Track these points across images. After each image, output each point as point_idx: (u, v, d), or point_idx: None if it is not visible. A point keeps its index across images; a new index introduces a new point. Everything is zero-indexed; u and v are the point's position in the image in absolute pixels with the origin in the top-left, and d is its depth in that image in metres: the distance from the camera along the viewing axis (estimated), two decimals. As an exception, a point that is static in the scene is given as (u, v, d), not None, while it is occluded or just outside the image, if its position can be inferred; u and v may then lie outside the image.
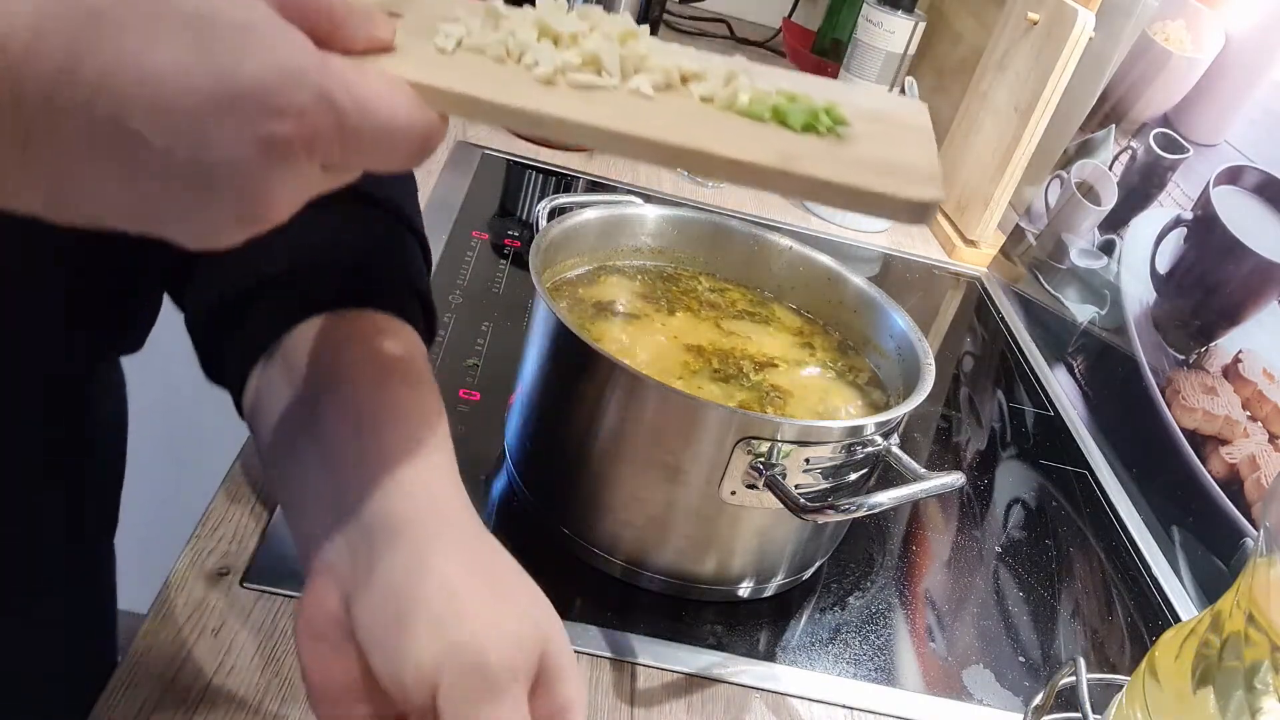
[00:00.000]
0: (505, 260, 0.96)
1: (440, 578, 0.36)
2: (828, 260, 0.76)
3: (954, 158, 1.28)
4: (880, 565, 0.71)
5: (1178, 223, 0.94)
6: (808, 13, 1.79)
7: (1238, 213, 0.87)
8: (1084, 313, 1.03)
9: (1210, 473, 0.79)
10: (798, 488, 0.57)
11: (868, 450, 0.60)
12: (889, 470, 0.62)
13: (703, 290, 0.76)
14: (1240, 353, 0.81)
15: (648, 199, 0.78)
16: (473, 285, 0.89)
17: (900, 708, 0.61)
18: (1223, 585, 0.58)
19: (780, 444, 0.56)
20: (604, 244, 0.74)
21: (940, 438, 0.90)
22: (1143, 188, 1.00)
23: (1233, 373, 0.81)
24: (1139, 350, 0.93)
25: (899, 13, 1.24)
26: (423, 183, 1.00)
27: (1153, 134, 1.01)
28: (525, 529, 0.66)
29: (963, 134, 1.28)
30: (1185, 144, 0.96)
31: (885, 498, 0.56)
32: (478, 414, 0.73)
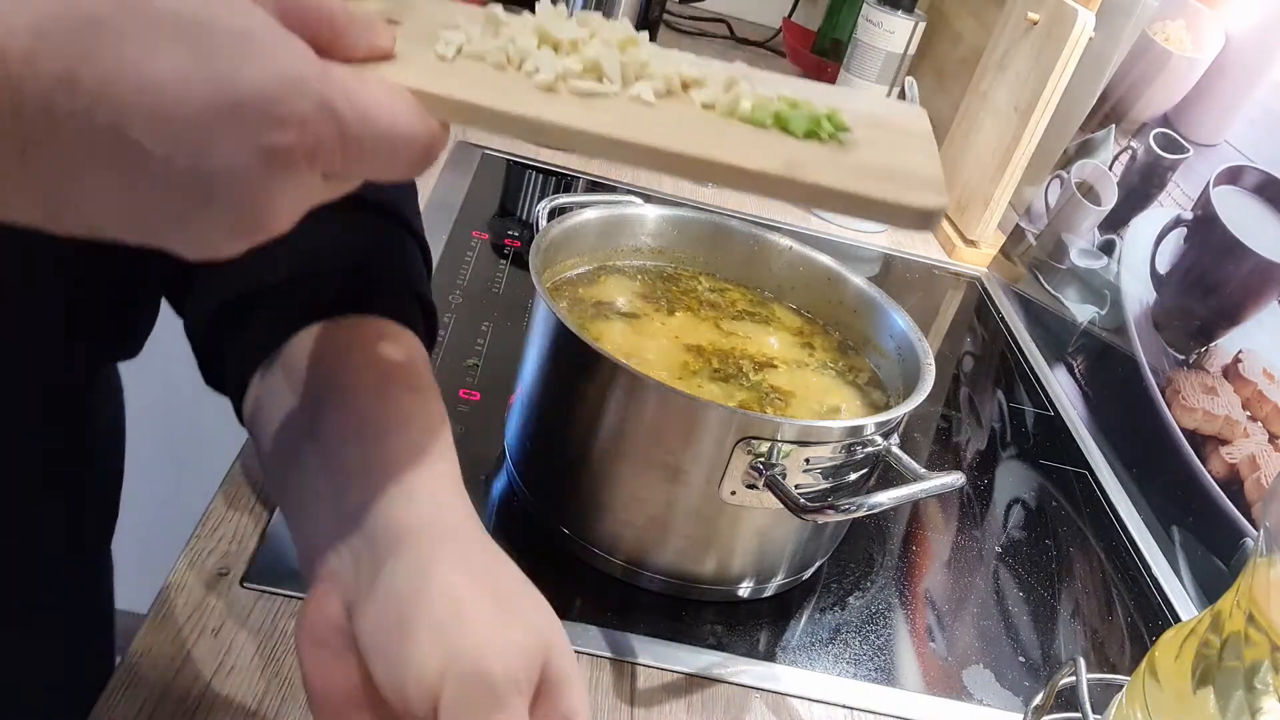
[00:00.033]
0: (505, 260, 0.96)
1: (443, 586, 0.36)
2: (828, 260, 0.76)
3: (954, 158, 1.28)
4: (880, 565, 0.71)
5: (1178, 223, 0.94)
6: (808, 13, 1.79)
7: (1238, 213, 0.87)
8: (1084, 313, 1.03)
9: (1210, 473, 0.79)
10: (798, 488, 0.57)
11: (868, 450, 0.60)
12: (889, 470, 0.62)
13: (703, 290, 0.76)
14: (1240, 353, 0.81)
15: (648, 199, 0.78)
16: (473, 285, 0.89)
17: (900, 708, 0.60)
18: (1223, 585, 0.58)
19: (780, 444, 0.56)
20: (604, 244, 0.74)
21: (940, 438, 0.90)
22: (1143, 188, 1.00)
23: (1233, 373, 0.81)
24: (1139, 350, 0.93)
25: (899, 13, 1.24)
26: (423, 183, 1.00)
27: (1153, 134, 1.01)
28: (525, 529, 0.66)
29: (963, 134, 1.28)
30: (1185, 144, 0.96)
31: (885, 498, 0.56)
32: (478, 414, 0.73)
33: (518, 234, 1.01)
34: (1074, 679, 0.55)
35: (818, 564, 0.68)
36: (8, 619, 0.56)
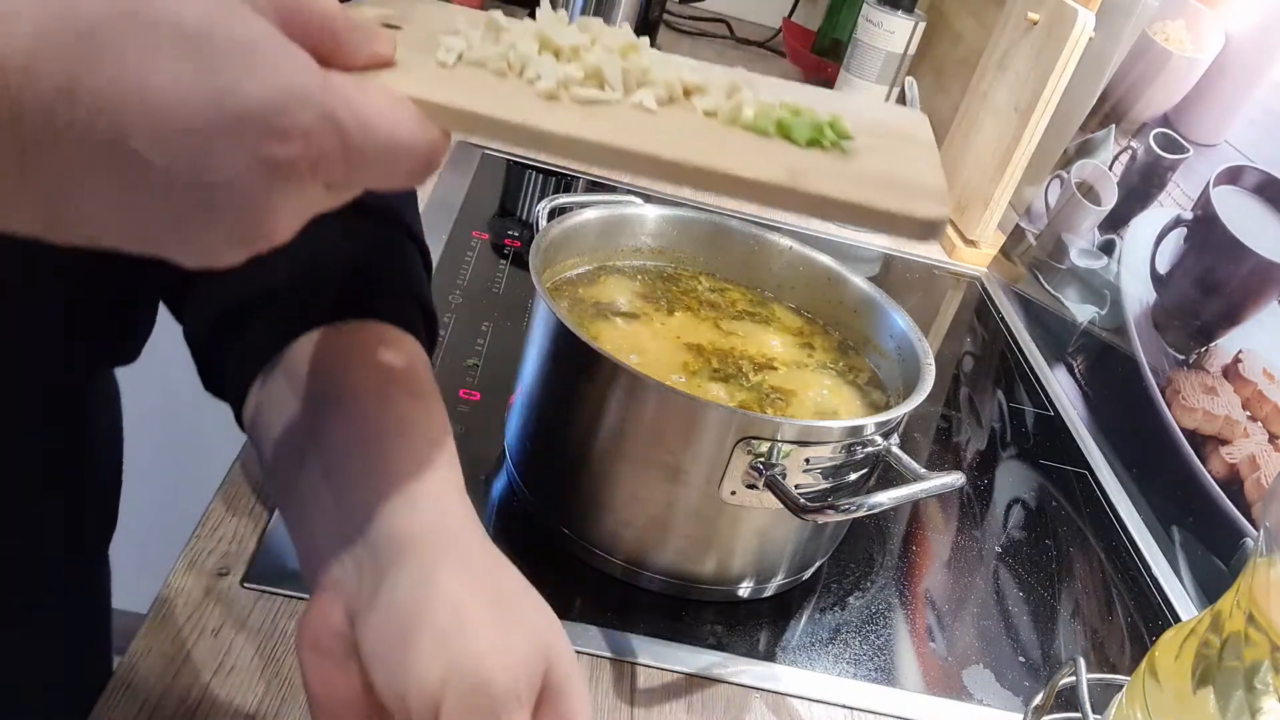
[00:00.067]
0: (505, 260, 0.96)
1: (446, 596, 0.36)
2: (828, 260, 0.76)
3: (954, 158, 1.28)
4: (880, 565, 0.71)
5: (1178, 223, 0.94)
6: (808, 13, 1.79)
7: (1238, 213, 0.87)
8: (1084, 313, 1.03)
9: (1210, 473, 0.79)
10: (798, 488, 0.57)
11: (868, 450, 0.60)
12: (889, 470, 0.62)
13: (703, 290, 0.76)
14: (1240, 353, 0.81)
15: (648, 199, 0.78)
16: (473, 285, 0.89)
17: (900, 708, 0.60)
18: (1223, 585, 0.58)
19: (780, 444, 0.56)
20: (604, 244, 0.74)
21: (940, 438, 0.90)
22: (1143, 188, 1.00)
23: (1233, 373, 0.81)
24: (1139, 350, 0.93)
25: (899, 13, 1.24)
26: (422, 184, 1.00)
27: (1153, 134, 1.01)
28: (525, 529, 0.66)
29: (963, 134, 1.28)
30: (1185, 144, 0.96)
31: (885, 498, 0.56)
32: (478, 414, 0.73)
33: (518, 234, 1.01)
34: (1074, 679, 0.55)
35: (818, 564, 0.68)
36: (8, 619, 0.56)
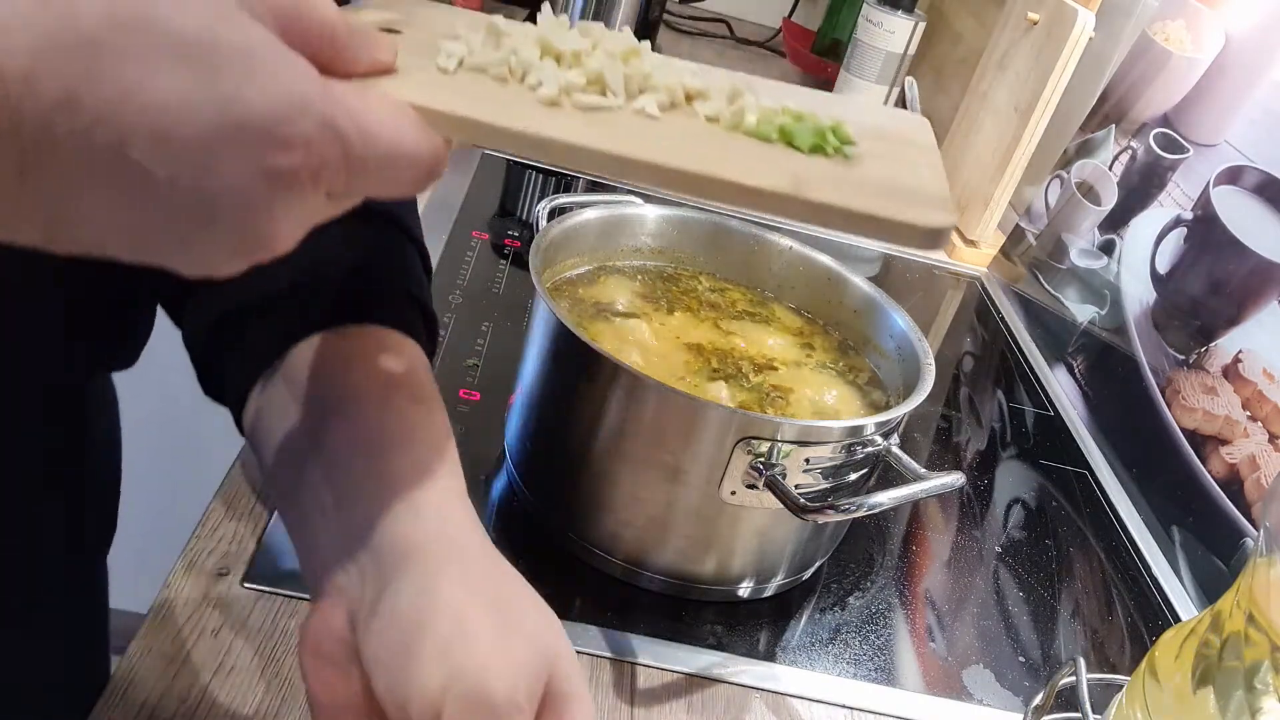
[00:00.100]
0: (505, 260, 0.96)
1: (448, 605, 0.36)
2: (828, 260, 0.76)
3: (954, 158, 1.28)
4: (880, 565, 0.71)
5: (1178, 223, 0.94)
6: (808, 13, 1.79)
7: (1238, 213, 0.87)
8: (1084, 313, 1.03)
9: (1210, 473, 0.79)
10: (798, 488, 0.57)
11: (868, 450, 0.60)
12: (889, 470, 0.62)
13: (703, 290, 0.76)
14: (1240, 353, 0.81)
15: (648, 199, 0.78)
16: (473, 285, 0.89)
17: (900, 708, 0.60)
18: (1223, 585, 0.57)
19: (780, 444, 0.56)
20: (604, 244, 0.74)
21: (940, 438, 0.90)
22: (1143, 188, 1.00)
23: (1233, 373, 0.81)
24: (1139, 350, 0.93)
25: (899, 13, 1.24)
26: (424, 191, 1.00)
27: (1153, 134, 1.01)
28: (525, 529, 0.66)
29: (963, 134, 1.28)
30: (1185, 144, 0.96)
31: (885, 498, 0.56)
32: (478, 414, 0.73)
33: (518, 234, 1.01)
34: (1074, 679, 0.55)
35: (818, 564, 0.68)
36: (8, 619, 0.56)
